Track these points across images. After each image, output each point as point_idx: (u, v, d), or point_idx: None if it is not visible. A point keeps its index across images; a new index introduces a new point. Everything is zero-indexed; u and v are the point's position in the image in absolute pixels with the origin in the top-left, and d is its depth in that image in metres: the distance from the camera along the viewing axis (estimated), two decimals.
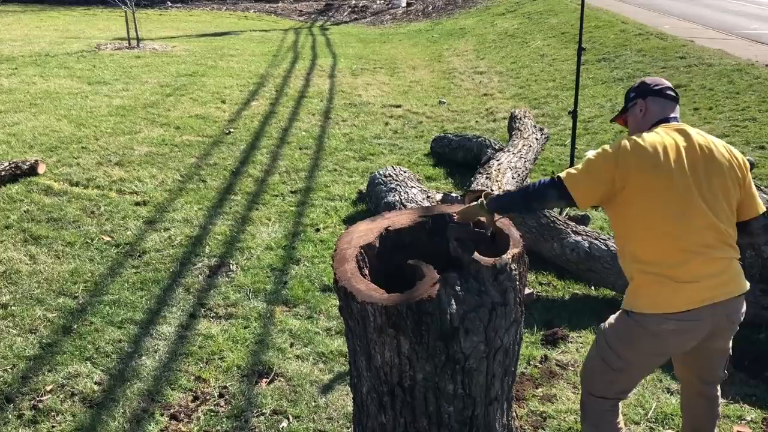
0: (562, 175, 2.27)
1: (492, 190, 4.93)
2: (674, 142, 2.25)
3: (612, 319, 2.40)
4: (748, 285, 2.29)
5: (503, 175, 5.28)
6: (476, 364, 2.14)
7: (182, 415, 3.10)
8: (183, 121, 7.94)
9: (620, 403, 2.51)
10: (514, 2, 18.58)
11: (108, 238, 4.86)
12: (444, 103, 9.49)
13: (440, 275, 2.10)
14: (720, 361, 2.47)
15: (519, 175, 5.48)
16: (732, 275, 2.25)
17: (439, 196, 5.31)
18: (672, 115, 2.40)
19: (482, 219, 2.43)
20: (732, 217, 2.28)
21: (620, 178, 2.20)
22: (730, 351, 2.46)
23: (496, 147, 6.25)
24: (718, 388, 2.58)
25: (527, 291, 4.26)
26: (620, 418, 2.50)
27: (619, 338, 2.33)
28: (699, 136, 2.30)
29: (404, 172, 5.58)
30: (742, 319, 2.32)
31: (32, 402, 3.15)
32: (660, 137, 2.26)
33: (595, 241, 4.22)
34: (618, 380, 2.39)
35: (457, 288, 2.08)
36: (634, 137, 2.27)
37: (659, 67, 9.82)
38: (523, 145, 6.07)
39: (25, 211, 5.22)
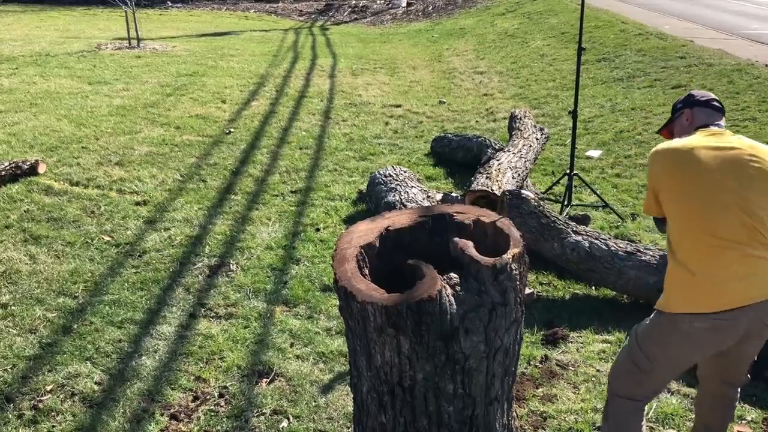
0: None
1: (492, 190, 4.93)
2: (706, 142, 2.31)
3: (643, 323, 2.40)
4: None
5: (503, 174, 5.28)
6: (476, 364, 2.14)
7: (182, 415, 3.10)
8: (183, 120, 7.94)
9: (645, 407, 2.48)
10: (514, 2, 18.58)
11: (108, 238, 4.86)
12: (444, 103, 9.49)
13: (440, 275, 2.10)
14: (747, 363, 2.47)
15: (519, 175, 5.48)
16: (766, 276, 2.22)
17: (439, 196, 5.31)
18: (714, 122, 2.47)
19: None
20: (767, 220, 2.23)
21: (655, 183, 2.35)
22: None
23: (496, 147, 6.25)
24: (738, 390, 2.59)
25: (528, 291, 4.27)
26: (644, 422, 2.48)
27: (650, 339, 2.33)
28: (740, 139, 2.36)
29: (404, 172, 5.58)
30: None
31: (32, 402, 3.15)
32: (688, 139, 2.36)
33: (596, 241, 4.22)
34: (645, 382, 2.38)
35: (457, 288, 2.08)
36: (661, 144, 2.38)
37: (659, 67, 9.82)
38: (524, 144, 6.07)
39: (25, 211, 5.22)
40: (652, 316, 2.37)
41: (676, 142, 2.37)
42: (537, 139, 6.36)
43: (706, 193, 2.22)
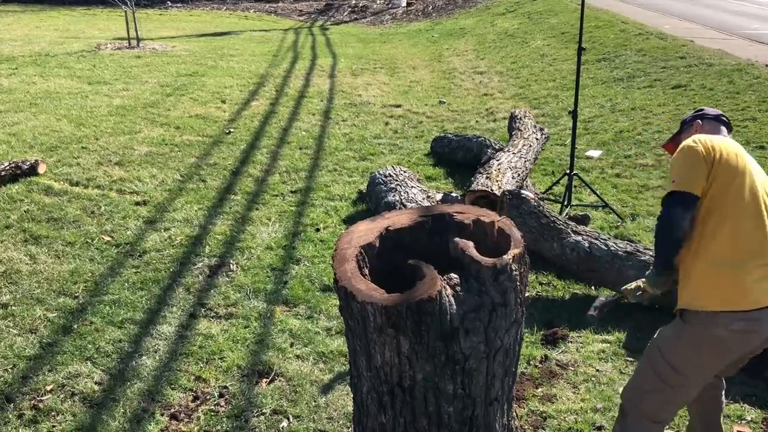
0: (668, 189, 2.32)
1: (492, 190, 4.93)
2: (737, 147, 2.36)
3: (663, 331, 2.36)
4: None
5: (503, 175, 5.28)
6: (476, 365, 2.14)
7: (182, 415, 3.10)
8: (183, 120, 7.94)
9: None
10: (514, 2, 18.58)
11: (108, 238, 4.86)
12: (444, 103, 9.49)
13: (440, 275, 2.10)
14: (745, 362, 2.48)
15: (519, 175, 5.48)
16: None
17: (439, 196, 5.31)
18: (724, 134, 2.52)
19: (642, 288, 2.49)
20: None
21: (711, 173, 2.26)
22: None
23: (496, 147, 6.25)
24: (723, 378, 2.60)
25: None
26: None
27: (677, 349, 2.27)
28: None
29: (404, 172, 5.58)
30: None
31: (32, 402, 3.15)
32: (728, 140, 2.38)
33: (595, 241, 4.22)
34: (673, 398, 2.33)
35: (458, 288, 2.08)
36: (712, 137, 2.35)
37: (659, 67, 9.82)
38: (523, 144, 6.07)
39: (25, 211, 5.22)
40: (668, 326, 2.33)
41: (721, 138, 2.39)
42: (537, 139, 6.36)
43: (746, 196, 2.24)
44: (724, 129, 2.55)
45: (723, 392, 2.62)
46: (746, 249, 2.20)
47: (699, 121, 2.59)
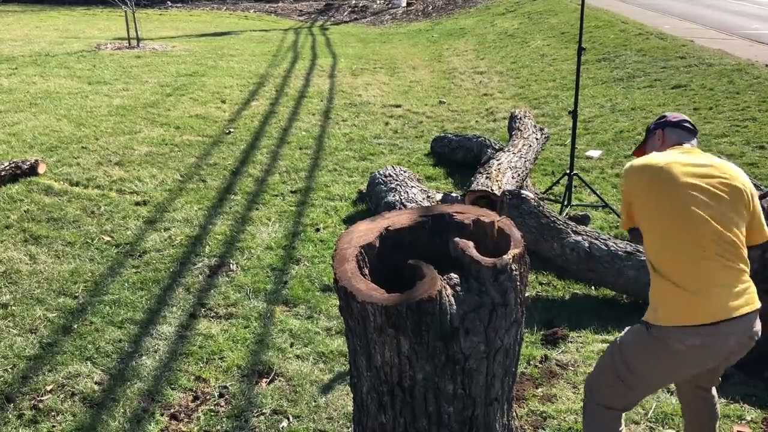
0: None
1: (492, 190, 4.93)
2: (676, 159, 2.35)
3: (629, 332, 2.37)
4: (759, 303, 2.26)
5: (503, 174, 5.28)
6: (476, 365, 2.14)
7: (182, 415, 3.10)
8: (183, 120, 7.94)
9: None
10: (514, 2, 18.58)
11: (108, 238, 4.86)
12: (444, 103, 9.49)
13: (440, 275, 2.10)
14: (721, 373, 2.48)
15: (519, 174, 5.48)
16: (746, 287, 2.22)
17: (439, 196, 5.31)
18: (687, 143, 2.52)
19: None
20: (741, 236, 2.27)
21: (631, 197, 2.37)
22: None
23: (496, 147, 6.25)
24: (714, 391, 2.59)
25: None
26: (623, 426, 2.48)
27: (635, 353, 2.30)
28: (710, 157, 2.40)
29: (404, 172, 5.58)
30: (759, 335, 2.27)
31: (32, 402, 3.15)
32: (661, 156, 2.40)
33: (595, 241, 4.22)
34: (627, 395, 2.38)
35: (458, 288, 2.08)
36: (636, 159, 2.44)
37: (659, 67, 9.82)
38: (523, 144, 6.07)
39: (25, 211, 5.22)
40: (635, 328, 2.34)
41: (651, 157, 2.40)
42: (537, 139, 6.36)
43: (683, 206, 2.23)
44: (686, 135, 2.53)
45: (716, 404, 2.61)
46: (687, 271, 2.19)
47: (660, 131, 2.60)
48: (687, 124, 2.57)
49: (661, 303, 2.24)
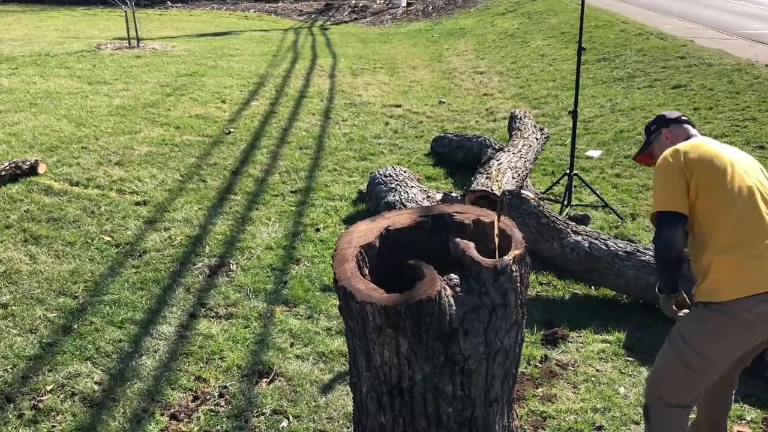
0: (652, 211, 2.43)
1: (492, 190, 4.93)
2: (711, 143, 2.45)
3: (687, 321, 2.40)
4: None
5: (503, 174, 5.28)
6: (475, 366, 2.14)
7: (182, 415, 3.10)
8: (183, 120, 7.94)
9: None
10: (514, 2, 18.58)
11: (108, 238, 4.86)
12: (444, 103, 9.49)
13: (440, 276, 2.10)
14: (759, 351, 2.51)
15: (519, 174, 5.48)
16: None
17: (439, 196, 5.31)
18: (693, 134, 2.60)
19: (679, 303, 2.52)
20: None
21: (688, 173, 2.36)
22: None
23: (496, 147, 6.25)
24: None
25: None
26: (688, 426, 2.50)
27: (705, 337, 2.31)
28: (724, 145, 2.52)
29: (404, 171, 5.58)
30: None
31: (32, 402, 3.15)
32: (692, 140, 2.49)
33: (595, 241, 4.22)
34: (696, 384, 2.38)
35: (457, 289, 2.08)
36: (682, 145, 2.46)
37: (659, 67, 9.82)
38: (523, 144, 6.07)
39: (25, 211, 5.22)
40: (694, 313, 2.37)
41: (688, 142, 2.48)
42: (537, 139, 6.36)
43: (737, 186, 2.31)
44: (690, 128, 2.62)
45: (733, 392, 2.65)
46: (748, 235, 2.26)
47: (665, 129, 2.64)
48: (685, 118, 2.65)
49: (722, 280, 2.27)
